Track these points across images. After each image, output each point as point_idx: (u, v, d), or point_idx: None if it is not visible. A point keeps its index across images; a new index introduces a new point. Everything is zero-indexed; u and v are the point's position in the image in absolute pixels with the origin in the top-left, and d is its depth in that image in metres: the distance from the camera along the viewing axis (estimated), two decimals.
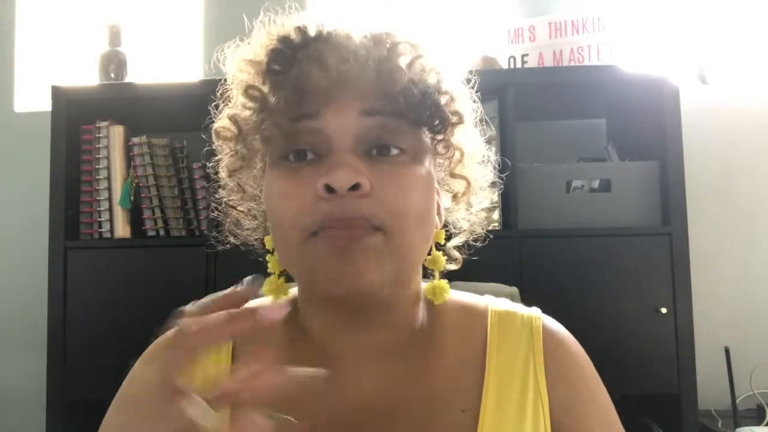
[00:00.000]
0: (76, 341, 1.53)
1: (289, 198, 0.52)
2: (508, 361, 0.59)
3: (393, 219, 0.51)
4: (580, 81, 1.58)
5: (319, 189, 0.50)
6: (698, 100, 1.83)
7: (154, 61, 2.00)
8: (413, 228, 0.53)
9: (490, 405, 0.56)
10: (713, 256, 1.83)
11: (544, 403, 0.57)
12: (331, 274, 0.51)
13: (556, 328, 0.63)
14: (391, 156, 0.53)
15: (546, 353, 0.60)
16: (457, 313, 0.62)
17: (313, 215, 0.50)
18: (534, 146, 1.76)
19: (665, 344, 1.43)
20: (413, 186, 0.53)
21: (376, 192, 0.51)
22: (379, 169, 0.51)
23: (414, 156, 0.54)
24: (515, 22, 1.79)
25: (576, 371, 0.60)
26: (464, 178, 0.61)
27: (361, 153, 0.52)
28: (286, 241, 0.54)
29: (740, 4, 1.94)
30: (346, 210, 0.50)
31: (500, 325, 0.61)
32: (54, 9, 2.12)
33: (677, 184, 1.47)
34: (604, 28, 1.70)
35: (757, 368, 1.71)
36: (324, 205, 0.50)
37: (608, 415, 0.60)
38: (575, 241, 1.49)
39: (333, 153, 0.51)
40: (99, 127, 1.62)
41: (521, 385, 0.58)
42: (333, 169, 0.50)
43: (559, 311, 0.67)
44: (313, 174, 0.51)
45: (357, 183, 0.49)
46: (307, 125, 0.52)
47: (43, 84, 1.91)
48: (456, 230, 0.63)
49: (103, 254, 1.58)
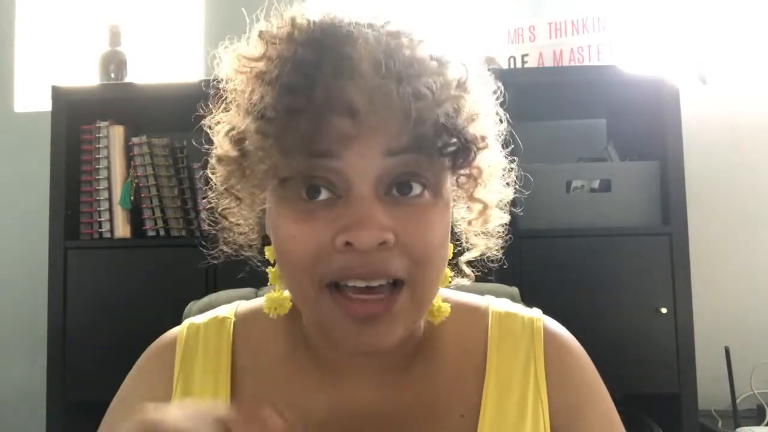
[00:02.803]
0: (76, 341, 1.53)
1: (302, 242, 0.48)
2: (508, 365, 0.58)
3: (416, 268, 0.48)
4: (580, 81, 1.58)
5: (339, 244, 0.46)
6: (698, 100, 1.83)
7: (154, 61, 2.00)
8: (435, 273, 0.51)
9: (489, 409, 0.56)
10: (713, 256, 1.83)
11: (544, 406, 0.57)
12: (355, 338, 0.49)
13: (557, 329, 0.62)
14: (413, 196, 0.48)
15: (547, 356, 0.59)
16: (458, 314, 0.61)
17: (330, 265, 0.47)
18: (534, 146, 1.76)
19: (665, 344, 1.43)
20: (436, 229, 0.49)
21: (400, 239, 0.47)
22: (401, 213, 0.48)
23: (435, 191, 0.50)
24: (515, 22, 1.79)
25: (577, 373, 0.60)
26: (482, 202, 0.56)
27: (381, 195, 0.48)
28: (298, 285, 0.50)
29: (740, 4, 1.94)
30: (367, 267, 0.47)
31: (501, 327, 0.61)
32: (54, 9, 2.12)
33: (677, 184, 1.47)
34: (604, 28, 1.70)
35: (757, 368, 1.71)
36: (342, 257, 0.47)
37: (610, 417, 0.60)
38: (575, 241, 1.49)
39: (352, 196, 0.47)
40: (99, 127, 1.62)
41: (521, 388, 0.57)
42: (357, 226, 0.46)
43: (559, 311, 0.67)
44: (330, 221, 0.47)
45: (383, 240, 0.46)
46: (325, 164, 0.47)
47: (43, 84, 1.91)
48: (469, 245, 0.60)
49: (103, 254, 1.58)
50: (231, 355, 0.60)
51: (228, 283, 1.01)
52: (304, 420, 0.55)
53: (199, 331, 0.62)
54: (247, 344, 0.61)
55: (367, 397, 0.56)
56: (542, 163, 1.62)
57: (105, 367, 0.86)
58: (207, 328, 0.62)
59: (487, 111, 0.54)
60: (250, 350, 0.60)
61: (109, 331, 1.52)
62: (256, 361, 0.60)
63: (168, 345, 0.62)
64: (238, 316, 0.63)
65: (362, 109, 0.46)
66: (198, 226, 1.63)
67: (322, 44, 0.47)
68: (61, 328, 1.53)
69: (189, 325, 0.63)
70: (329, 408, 0.56)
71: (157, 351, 0.63)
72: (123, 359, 0.69)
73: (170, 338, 0.63)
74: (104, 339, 1.51)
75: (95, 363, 1.49)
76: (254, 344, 0.61)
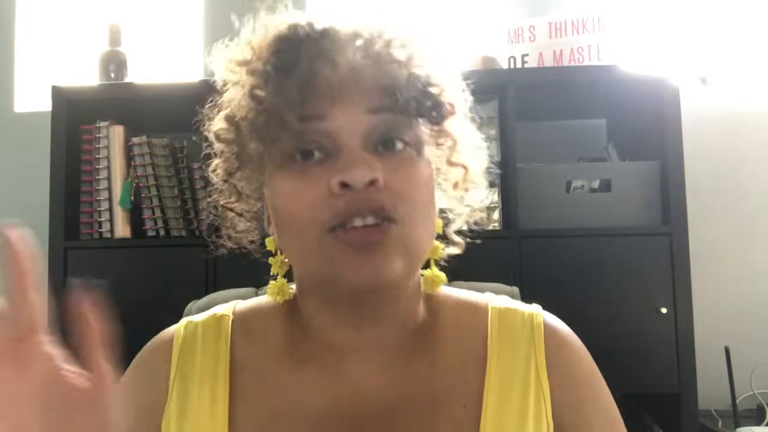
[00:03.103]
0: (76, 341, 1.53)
1: (301, 197, 0.52)
2: (509, 357, 0.59)
3: (405, 209, 0.52)
4: (580, 81, 1.58)
5: (334, 186, 0.50)
6: (698, 100, 1.83)
7: (154, 61, 2.00)
8: (421, 218, 0.54)
9: (491, 401, 0.57)
10: (713, 256, 1.83)
11: (546, 399, 0.58)
12: (357, 269, 0.51)
13: (557, 324, 0.63)
14: (397, 150, 0.54)
15: (548, 349, 0.60)
16: (458, 309, 0.63)
17: (330, 210, 0.51)
18: (534, 146, 1.76)
19: (665, 344, 1.43)
20: (420, 178, 0.54)
21: (388, 185, 0.52)
22: (388, 163, 0.52)
23: (417, 149, 0.55)
24: (515, 22, 1.79)
25: (578, 368, 0.61)
26: (462, 165, 0.61)
27: (369, 149, 0.53)
28: (301, 238, 0.53)
29: (740, 4, 1.94)
30: (364, 203, 0.51)
31: (501, 321, 0.62)
32: (54, 9, 2.12)
33: (677, 184, 1.47)
34: (604, 28, 1.70)
35: (757, 368, 1.71)
36: (340, 200, 0.51)
37: (610, 411, 0.61)
38: (575, 241, 1.49)
39: (342, 152, 0.52)
40: (99, 127, 1.62)
41: (523, 381, 0.58)
42: (348, 167, 0.50)
43: (559, 311, 0.67)
44: (325, 172, 0.51)
45: (373, 178, 0.50)
46: (314, 126, 0.52)
47: (43, 84, 1.91)
48: (454, 216, 0.64)
49: (103, 254, 1.58)
50: (229, 352, 0.61)
51: (228, 283, 1.01)
52: (305, 412, 0.56)
53: (197, 329, 0.63)
54: (245, 341, 0.62)
55: (369, 389, 0.57)
56: (542, 163, 1.62)
57: None
58: (205, 325, 0.63)
59: (455, 86, 0.59)
60: (249, 346, 0.61)
61: (108, 331, 1.51)
62: (255, 357, 0.60)
63: (165, 342, 0.63)
64: (236, 314, 0.64)
65: (343, 73, 0.51)
66: (198, 226, 1.63)
67: (303, 33, 0.53)
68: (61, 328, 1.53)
69: (187, 323, 0.64)
70: (330, 400, 0.57)
71: (154, 348, 0.63)
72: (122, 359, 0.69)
73: (168, 336, 0.64)
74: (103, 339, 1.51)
75: None
76: (253, 340, 0.61)
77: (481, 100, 0.64)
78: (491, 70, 1.65)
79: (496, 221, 1.53)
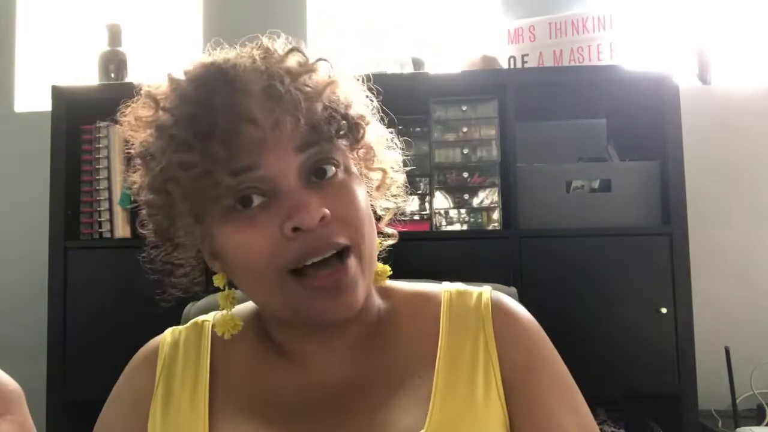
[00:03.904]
0: (76, 341, 1.53)
1: (255, 245, 0.55)
2: (459, 331, 0.64)
3: (354, 231, 0.57)
4: (580, 81, 1.58)
5: (287, 231, 0.54)
6: (698, 100, 1.83)
7: (154, 61, 2.00)
8: (368, 233, 0.59)
9: (442, 370, 0.61)
10: (713, 256, 1.83)
11: (494, 364, 0.62)
12: (327, 310, 0.56)
13: (504, 299, 0.67)
14: (330, 177, 0.57)
15: (495, 320, 0.64)
16: (413, 299, 0.68)
17: (288, 252, 0.55)
18: (534, 146, 1.76)
19: (665, 344, 1.43)
20: (357, 197, 0.58)
21: (334, 215, 0.55)
22: (326, 192, 0.56)
23: (345, 168, 0.59)
24: (515, 22, 1.79)
25: (525, 334, 0.64)
26: (380, 169, 0.66)
27: (305, 184, 0.56)
28: (262, 281, 0.57)
29: (741, 4, 1.94)
30: (319, 241, 0.55)
31: (452, 301, 0.67)
32: (54, 9, 2.12)
33: (677, 184, 1.47)
34: (605, 27, 1.70)
35: (757, 368, 1.71)
36: (294, 243, 0.54)
37: (563, 379, 0.63)
38: (575, 241, 1.48)
39: (281, 193, 0.55)
40: (99, 127, 1.62)
41: (472, 350, 0.63)
42: (297, 211, 0.54)
43: (560, 311, 0.67)
44: (272, 217, 0.55)
45: (322, 215, 0.54)
46: (248, 176, 0.55)
47: (43, 84, 1.91)
48: (383, 212, 0.68)
49: (103, 254, 1.58)
50: (210, 354, 0.66)
51: None
52: (277, 401, 0.61)
53: (181, 335, 0.69)
54: (222, 344, 0.67)
55: (333, 376, 0.62)
56: (542, 163, 1.62)
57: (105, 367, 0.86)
58: (187, 331, 0.69)
59: (358, 97, 0.63)
60: (225, 349, 0.67)
61: (108, 332, 1.51)
62: (232, 358, 0.66)
63: (152, 350, 0.68)
64: (216, 319, 0.69)
65: (261, 116, 0.54)
66: None
67: (208, 81, 0.56)
68: (61, 328, 1.53)
69: (171, 330, 0.71)
70: (299, 388, 0.62)
71: (141, 359, 0.68)
72: (123, 359, 0.70)
73: (153, 346, 0.69)
74: (104, 339, 1.51)
75: (95, 363, 1.49)
76: (229, 343, 0.66)
77: (481, 100, 0.64)
78: (491, 70, 1.65)
79: (496, 221, 1.53)
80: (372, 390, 0.61)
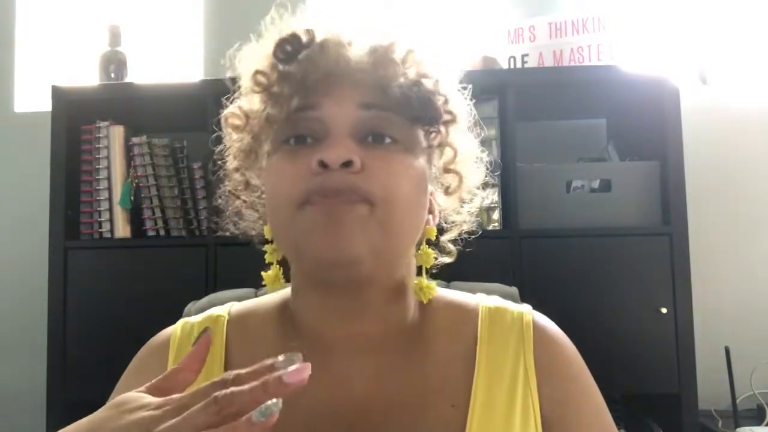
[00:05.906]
0: (76, 341, 1.53)
1: (285, 174, 0.55)
2: (497, 356, 0.60)
3: (382, 193, 0.53)
4: (580, 81, 1.58)
5: (313, 164, 0.53)
6: (698, 100, 1.83)
7: (154, 61, 2.00)
8: (401, 207, 0.55)
9: (479, 400, 0.57)
10: (713, 256, 1.83)
11: (533, 397, 0.58)
12: (317, 242, 0.53)
13: (546, 323, 0.64)
14: (385, 144, 0.56)
15: (536, 348, 0.60)
16: (448, 310, 0.63)
17: (304, 186, 0.54)
18: (534, 146, 1.76)
19: (665, 344, 1.43)
20: (404, 172, 0.56)
21: (367, 171, 0.54)
22: (372, 152, 0.55)
23: (407, 147, 0.57)
24: (515, 22, 1.79)
25: (566, 366, 0.61)
26: (457, 173, 0.63)
27: (357, 139, 0.55)
28: (277, 213, 0.56)
29: (741, 4, 1.94)
30: (335, 182, 0.53)
31: (490, 321, 0.62)
32: (54, 9, 2.12)
33: (677, 184, 1.47)
34: (604, 28, 1.70)
35: (757, 368, 1.71)
36: (315, 178, 0.53)
37: (600, 411, 0.61)
38: (575, 241, 1.49)
39: (330, 137, 0.55)
40: (99, 127, 1.62)
41: (511, 379, 0.58)
42: (327, 147, 0.53)
43: (560, 311, 0.67)
44: (310, 153, 0.54)
45: (349, 160, 0.53)
46: (308, 114, 0.56)
47: (43, 84, 1.91)
48: (448, 225, 0.66)
49: (103, 254, 1.58)
50: (225, 350, 0.62)
51: (228, 284, 1.01)
52: (298, 406, 0.56)
53: (194, 329, 0.64)
54: (240, 339, 0.63)
55: (359, 385, 0.58)
56: (542, 163, 1.62)
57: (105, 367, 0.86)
58: (201, 326, 0.64)
59: (458, 98, 0.61)
60: (243, 345, 0.62)
61: (109, 331, 1.52)
62: (249, 355, 0.61)
63: (162, 343, 0.64)
64: (232, 314, 0.65)
65: (338, 68, 0.55)
66: (198, 226, 1.63)
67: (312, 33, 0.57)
68: (61, 328, 1.53)
69: (183, 324, 0.65)
70: (321, 395, 0.57)
71: (151, 349, 0.64)
72: (123, 359, 0.69)
73: (164, 337, 0.65)
74: (104, 339, 1.51)
75: (95, 363, 1.49)
76: (247, 339, 0.63)
77: (481, 100, 0.65)
78: (491, 70, 1.65)
79: (496, 221, 1.53)
80: (399, 411, 0.57)
